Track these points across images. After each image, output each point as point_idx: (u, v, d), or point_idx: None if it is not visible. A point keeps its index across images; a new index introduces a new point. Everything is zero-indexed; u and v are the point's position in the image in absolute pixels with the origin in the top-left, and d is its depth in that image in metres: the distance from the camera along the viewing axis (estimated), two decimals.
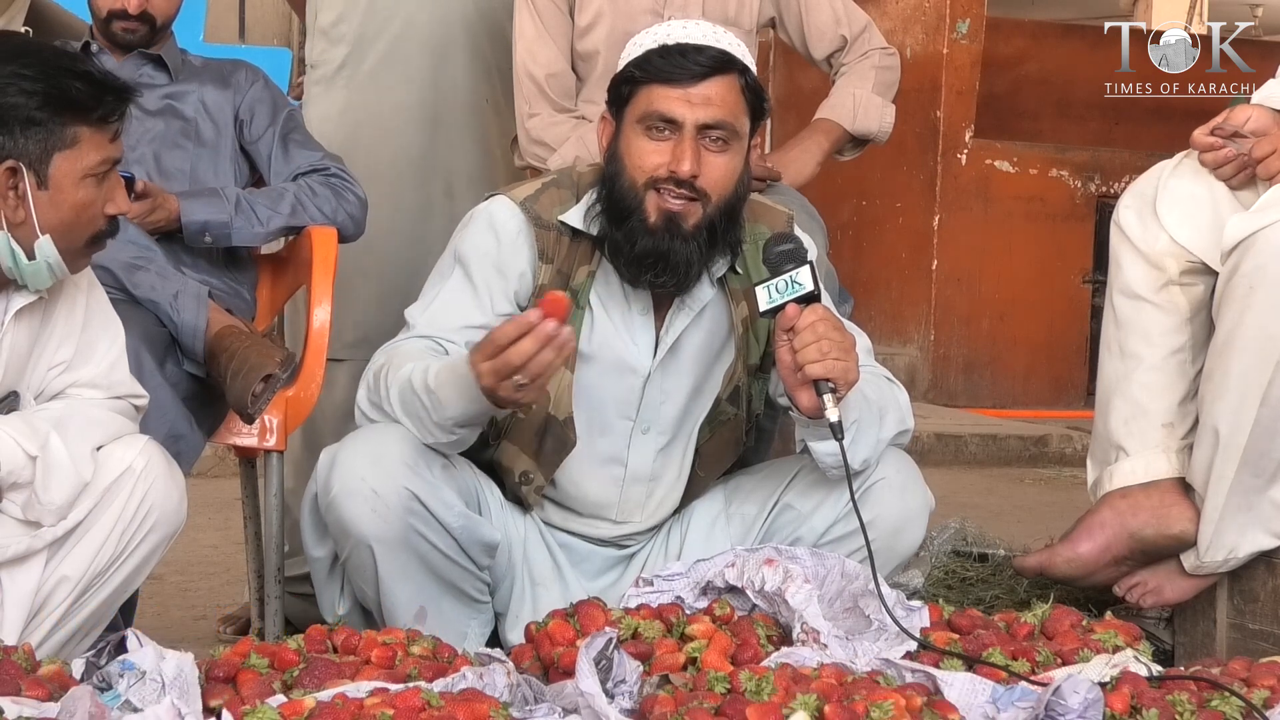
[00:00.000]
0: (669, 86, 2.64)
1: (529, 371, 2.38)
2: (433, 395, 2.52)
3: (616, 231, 2.67)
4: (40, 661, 2.22)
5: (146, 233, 3.16)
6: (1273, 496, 2.90)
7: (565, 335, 2.38)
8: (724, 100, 2.65)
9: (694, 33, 2.70)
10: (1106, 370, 3.10)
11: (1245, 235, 2.85)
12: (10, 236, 2.40)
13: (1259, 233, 2.84)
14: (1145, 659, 2.41)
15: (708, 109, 2.64)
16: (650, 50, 2.68)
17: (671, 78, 2.64)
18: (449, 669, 2.26)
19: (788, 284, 2.54)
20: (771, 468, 2.92)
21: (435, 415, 2.54)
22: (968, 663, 2.35)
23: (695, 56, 2.65)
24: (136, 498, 2.52)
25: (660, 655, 2.36)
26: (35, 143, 2.38)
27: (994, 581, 3.36)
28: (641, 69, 2.67)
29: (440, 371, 2.53)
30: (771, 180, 3.42)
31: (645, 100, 2.65)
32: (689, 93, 2.64)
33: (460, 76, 3.75)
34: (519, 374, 2.38)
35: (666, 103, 2.64)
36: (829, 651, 2.36)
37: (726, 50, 2.67)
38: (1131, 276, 3.04)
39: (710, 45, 2.67)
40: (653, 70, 2.66)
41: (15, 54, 2.42)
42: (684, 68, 2.64)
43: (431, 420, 2.55)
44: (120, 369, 2.63)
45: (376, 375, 2.63)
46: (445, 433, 2.56)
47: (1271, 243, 2.82)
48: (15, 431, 2.44)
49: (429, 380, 2.53)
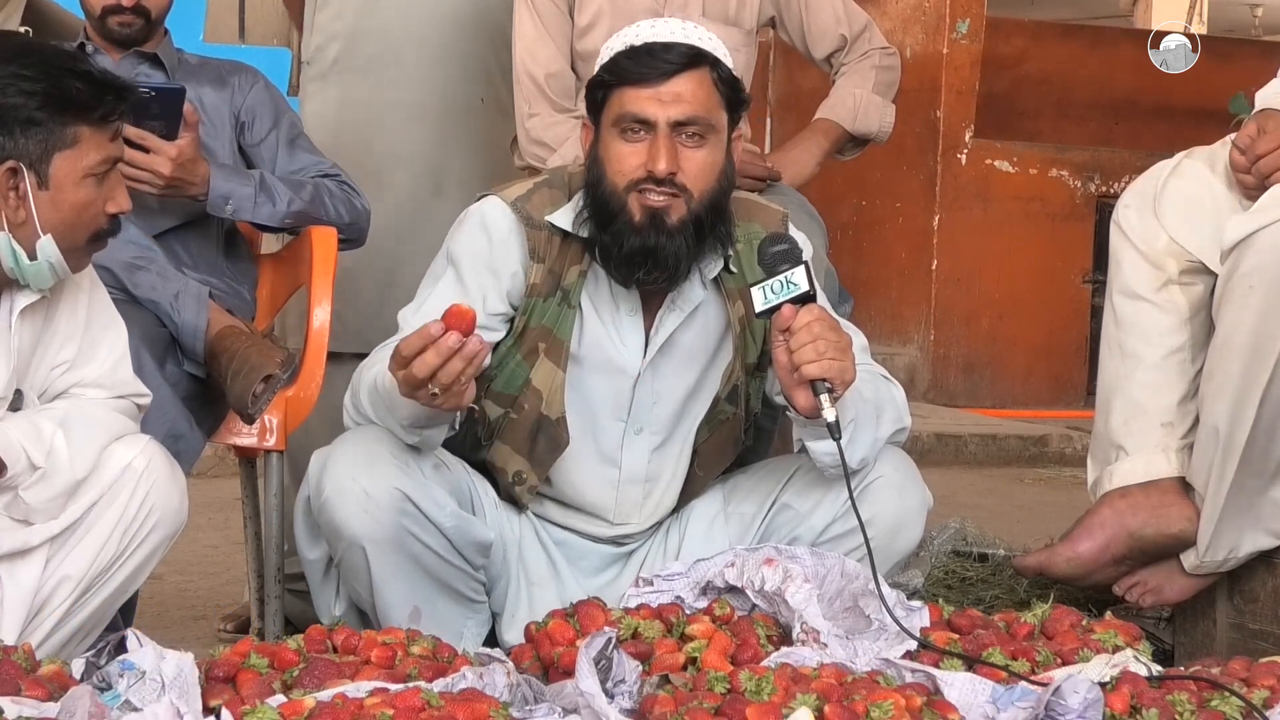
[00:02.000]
0: (639, 87, 2.64)
1: (439, 382, 2.40)
2: (387, 397, 2.55)
3: (604, 234, 2.68)
4: (40, 661, 2.22)
5: (146, 233, 3.16)
6: (1273, 496, 2.90)
7: (472, 346, 2.39)
8: (695, 96, 2.65)
9: (661, 31, 2.69)
10: (1107, 370, 3.10)
11: (1244, 235, 2.85)
12: (11, 237, 2.41)
13: (1258, 233, 2.84)
14: (1145, 659, 2.41)
15: (679, 106, 2.64)
16: (618, 53, 2.68)
17: (641, 78, 2.64)
18: (449, 669, 2.26)
19: (783, 284, 2.54)
20: (769, 467, 2.92)
21: (393, 417, 2.57)
22: (968, 663, 2.35)
23: (663, 55, 2.65)
24: (138, 498, 2.52)
25: (660, 655, 2.36)
26: (36, 143, 2.39)
27: (994, 581, 3.36)
28: (611, 72, 2.68)
29: (384, 375, 2.54)
30: (772, 180, 3.42)
31: (618, 103, 2.66)
32: (659, 91, 2.64)
33: (455, 74, 3.75)
34: (430, 384, 2.40)
35: (638, 103, 2.64)
36: (829, 651, 2.36)
37: (694, 45, 2.67)
38: (1131, 276, 3.04)
39: (678, 42, 2.66)
40: (621, 72, 2.66)
41: (15, 54, 2.42)
42: (652, 67, 2.64)
43: (396, 421, 2.57)
44: (123, 368, 2.63)
45: (358, 376, 2.65)
46: (407, 434, 2.59)
47: (1271, 242, 2.82)
48: (24, 437, 2.44)
49: (382, 383, 2.56)
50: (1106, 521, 3.03)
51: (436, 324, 2.38)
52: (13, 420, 2.47)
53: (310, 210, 3.26)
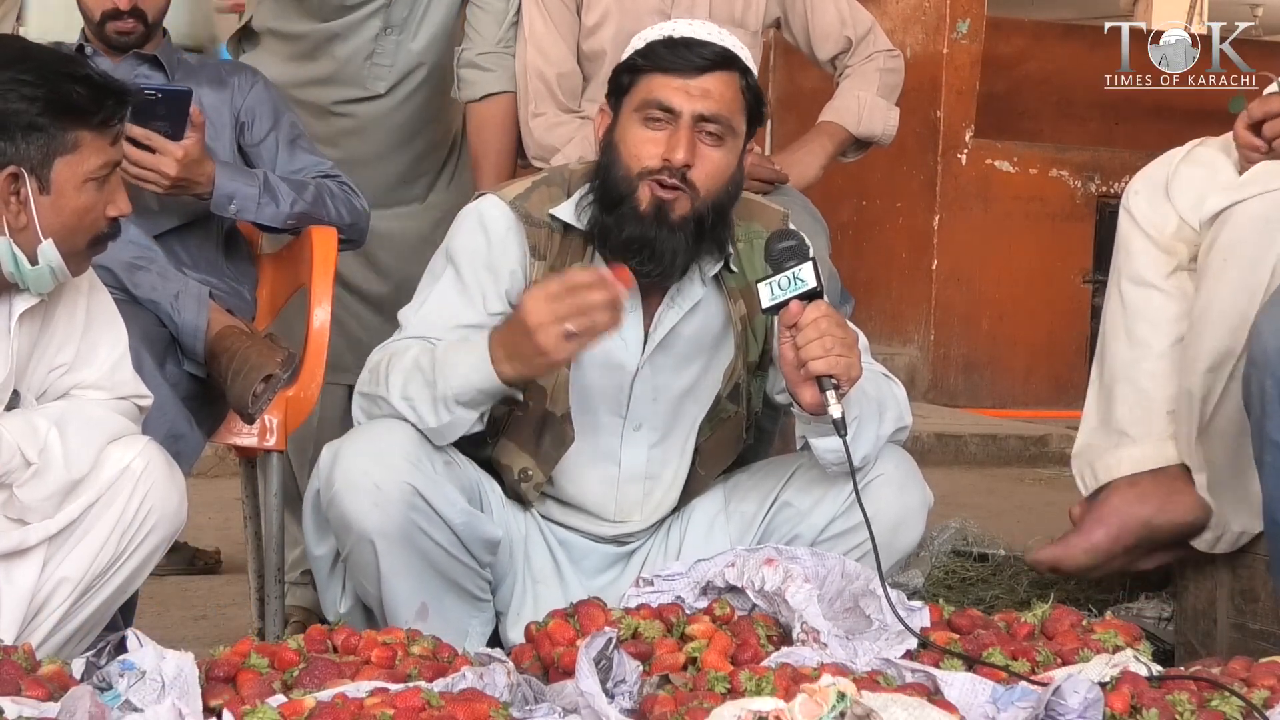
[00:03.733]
0: (670, 76, 2.66)
1: (583, 322, 2.46)
2: (439, 366, 2.56)
3: (606, 217, 2.68)
4: (40, 661, 2.22)
5: (147, 233, 3.16)
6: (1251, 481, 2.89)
7: (623, 308, 2.49)
8: (723, 95, 2.67)
9: (699, 30, 2.73)
10: (1113, 357, 3.08)
11: (1223, 208, 2.86)
12: (12, 242, 2.40)
13: (1236, 206, 2.84)
14: (1145, 659, 2.41)
15: (706, 101, 2.66)
16: (655, 41, 2.71)
17: (673, 68, 2.67)
18: (449, 669, 2.26)
19: (790, 280, 2.55)
20: (770, 465, 2.93)
21: (438, 388, 2.57)
22: (968, 663, 2.35)
23: (699, 50, 2.68)
24: (137, 498, 2.52)
25: (660, 655, 2.36)
26: (36, 148, 2.38)
27: (994, 581, 3.36)
28: (645, 58, 2.70)
29: (451, 345, 2.58)
30: (778, 183, 3.42)
31: (645, 89, 2.68)
32: (689, 84, 2.66)
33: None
34: (573, 320, 2.45)
35: (666, 91, 2.66)
36: (829, 651, 2.36)
37: (730, 49, 2.70)
38: (1141, 262, 3.03)
39: (715, 42, 2.70)
40: (655, 59, 2.68)
41: (14, 59, 2.42)
42: (687, 59, 2.67)
43: (432, 395, 2.57)
44: (123, 369, 2.63)
45: (374, 369, 2.65)
46: (444, 409, 2.57)
47: (1247, 216, 2.82)
48: (19, 435, 2.44)
49: (436, 354, 2.58)
50: (1117, 509, 3.02)
51: (607, 270, 2.49)
52: (7, 417, 2.47)
53: (312, 211, 3.27)
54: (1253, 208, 2.82)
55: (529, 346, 2.50)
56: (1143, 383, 3.03)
